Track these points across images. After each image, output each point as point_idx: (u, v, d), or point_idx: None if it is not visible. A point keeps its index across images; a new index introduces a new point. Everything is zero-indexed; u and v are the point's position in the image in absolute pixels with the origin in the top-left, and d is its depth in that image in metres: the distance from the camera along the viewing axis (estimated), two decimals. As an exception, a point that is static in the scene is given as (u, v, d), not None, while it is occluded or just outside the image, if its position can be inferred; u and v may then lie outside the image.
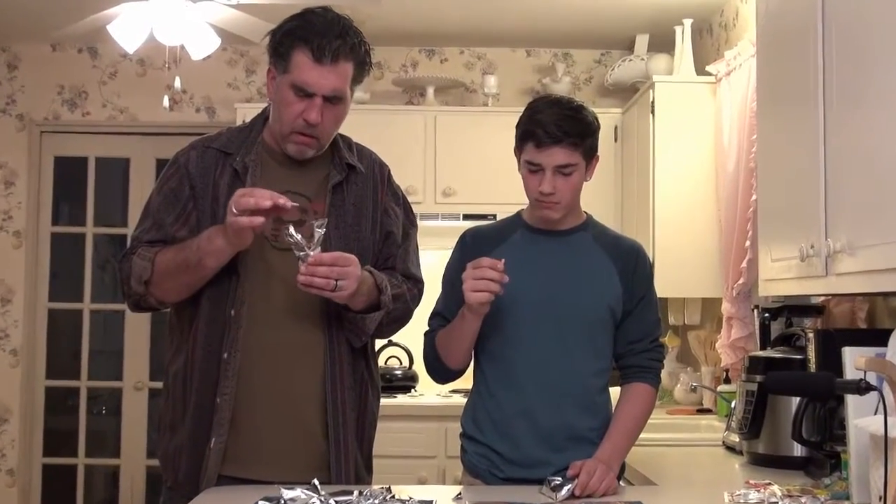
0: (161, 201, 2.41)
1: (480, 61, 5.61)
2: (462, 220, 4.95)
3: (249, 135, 2.44)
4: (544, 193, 2.43)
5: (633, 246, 2.59)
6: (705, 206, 4.39)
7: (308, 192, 2.40)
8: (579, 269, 2.51)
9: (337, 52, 2.28)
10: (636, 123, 4.78)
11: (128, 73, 5.58)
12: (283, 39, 2.32)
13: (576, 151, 2.43)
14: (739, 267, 3.91)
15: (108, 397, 5.74)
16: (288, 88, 2.30)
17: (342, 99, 2.33)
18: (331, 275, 2.20)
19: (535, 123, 2.42)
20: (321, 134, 2.34)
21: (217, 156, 2.41)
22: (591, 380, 2.51)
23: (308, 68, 2.28)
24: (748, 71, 3.94)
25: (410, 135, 5.08)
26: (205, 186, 2.38)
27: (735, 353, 3.97)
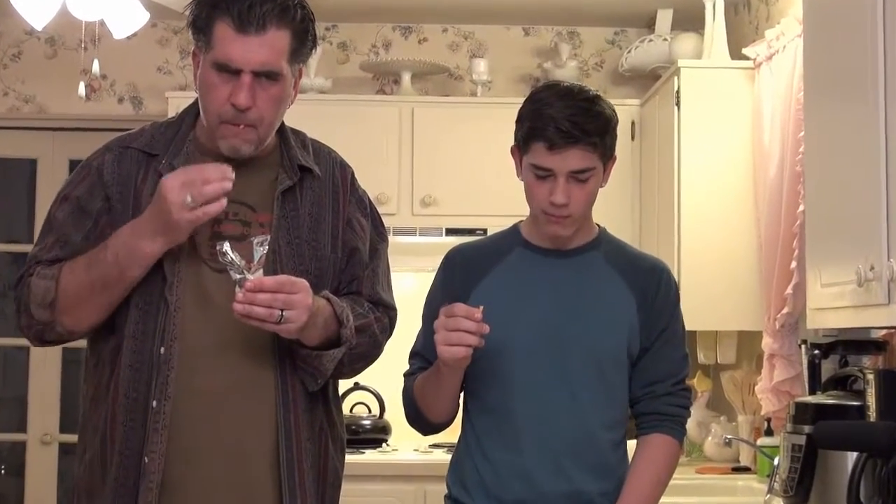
0: (67, 214, 2.39)
1: (467, 41, 5.63)
2: (445, 236, 4.95)
3: (178, 131, 2.44)
4: (556, 204, 2.42)
5: (655, 266, 2.60)
6: (742, 219, 4.40)
7: (251, 201, 2.39)
8: (589, 297, 2.51)
9: (264, 18, 2.27)
10: (657, 118, 4.80)
11: (34, 55, 5.56)
12: (200, 11, 2.32)
13: (594, 153, 2.42)
14: (783, 293, 3.91)
15: (9, 453, 5.69)
16: (210, 68, 2.30)
17: (278, 76, 2.31)
18: (274, 303, 2.18)
19: (545, 119, 2.39)
20: (257, 121, 2.31)
21: (139, 158, 2.40)
22: (603, 434, 2.50)
23: (230, 40, 2.27)
24: (793, 54, 3.95)
25: (382, 131, 5.08)
26: (124, 196, 2.36)
27: (779, 399, 3.97)
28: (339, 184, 2.50)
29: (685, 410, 2.57)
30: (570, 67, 5.35)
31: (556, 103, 2.41)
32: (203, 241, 2.33)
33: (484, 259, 2.54)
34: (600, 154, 2.43)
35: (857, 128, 2.56)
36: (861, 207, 2.52)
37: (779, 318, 3.94)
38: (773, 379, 3.98)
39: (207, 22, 2.29)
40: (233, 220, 2.36)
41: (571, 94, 2.43)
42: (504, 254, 2.56)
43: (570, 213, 2.44)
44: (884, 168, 2.41)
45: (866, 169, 2.48)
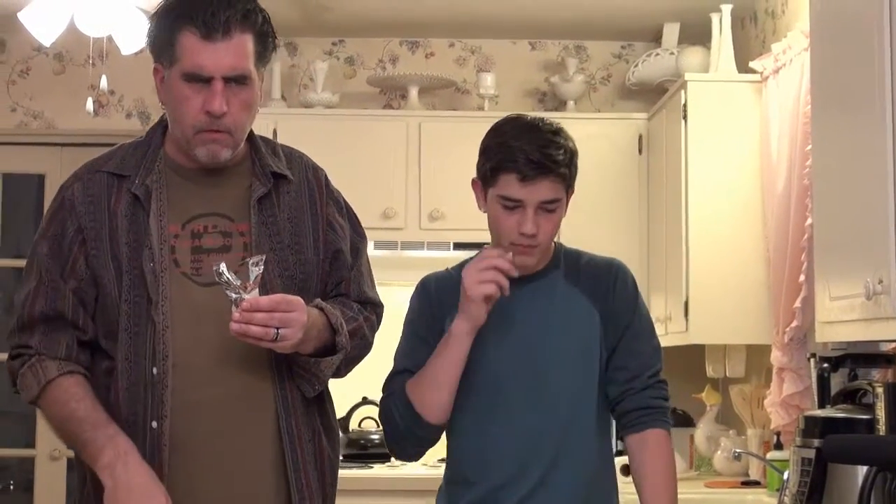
0: (47, 251, 2.40)
1: (474, 56, 5.64)
2: (452, 250, 4.95)
3: (148, 150, 2.43)
4: (526, 234, 2.45)
5: (609, 266, 2.62)
6: (750, 233, 4.40)
7: (228, 211, 2.40)
8: (555, 323, 2.54)
9: (228, 23, 2.29)
10: (664, 131, 4.80)
11: (43, 71, 5.58)
12: (161, 25, 2.34)
13: (562, 184, 2.47)
14: (792, 307, 3.91)
15: (18, 469, 5.69)
16: (180, 80, 2.32)
17: (247, 79, 2.33)
18: (270, 322, 2.21)
19: (514, 151, 2.43)
20: (232, 126, 2.33)
21: (108, 181, 2.40)
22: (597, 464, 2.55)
23: (198, 49, 2.29)
24: (800, 68, 3.95)
25: (389, 145, 5.08)
26: (97, 222, 2.36)
27: (788, 413, 3.97)
28: (315, 187, 2.51)
29: (667, 402, 2.59)
30: (577, 81, 5.35)
31: (523, 136, 2.46)
32: (185, 256, 2.34)
33: (453, 292, 2.54)
34: (565, 185, 2.49)
35: (864, 140, 2.56)
36: (869, 220, 2.52)
37: (788, 331, 3.94)
38: (783, 392, 3.98)
39: (171, 34, 2.32)
40: (212, 232, 2.37)
41: (537, 127, 2.49)
42: None
43: (538, 244, 2.48)
44: (891, 180, 2.41)
45: (874, 181, 2.48)
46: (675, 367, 2.70)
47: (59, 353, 2.34)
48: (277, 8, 5.10)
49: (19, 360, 2.36)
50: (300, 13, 5.21)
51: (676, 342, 4.53)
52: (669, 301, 4.65)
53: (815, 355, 3.48)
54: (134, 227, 2.34)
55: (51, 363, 2.33)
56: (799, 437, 3.08)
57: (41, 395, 2.32)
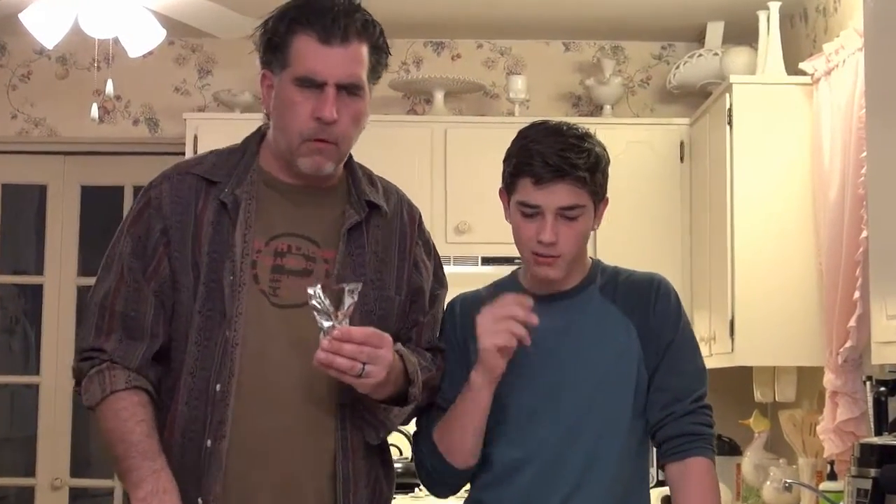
0: (130, 251, 2.41)
1: (504, 57, 5.65)
2: (480, 266, 4.96)
3: (241, 158, 2.46)
4: (544, 243, 2.45)
5: (648, 280, 2.61)
6: (800, 247, 4.39)
7: (316, 235, 2.42)
8: (591, 342, 2.54)
9: (347, 30, 2.35)
10: (708, 138, 4.79)
11: (45, 75, 5.63)
12: (276, 28, 2.37)
13: (583, 189, 2.46)
14: (846, 326, 3.89)
15: (16, 499, 5.72)
16: (291, 85, 2.35)
17: (360, 89, 2.38)
18: (359, 356, 2.23)
19: (532, 154, 2.45)
20: (340, 137, 2.38)
21: (198, 184, 2.43)
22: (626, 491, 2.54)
23: (314, 52, 2.34)
24: (854, 69, 3.95)
25: (413, 153, 5.10)
26: (182, 224, 2.39)
27: (842, 440, 3.95)
28: (408, 224, 2.55)
29: (711, 429, 2.57)
30: (613, 84, 5.36)
31: (544, 139, 2.48)
32: (264, 274, 2.36)
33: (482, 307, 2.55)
34: (590, 192, 2.47)
35: (923, 147, 2.55)
36: (929, 233, 2.51)
37: (841, 352, 3.93)
38: (836, 418, 3.96)
39: (286, 38, 2.36)
40: (296, 253, 2.39)
41: (560, 131, 2.50)
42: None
43: (560, 254, 2.47)
44: (953, 190, 2.41)
45: (934, 191, 2.47)
46: (720, 390, 2.69)
47: (131, 363, 2.36)
48: (294, 7, 5.16)
49: (89, 362, 2.39)
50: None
51: (721, 364, 4.52)
52: (714, 320, 4.64)
53: (871, 378, 3.47)
54: (218, 236, 2.37)
55: (120, 373, 2.35)
56: (854, 466, 3.07)
57: (102, 403, 2.34)
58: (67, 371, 5.74)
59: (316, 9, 2.35)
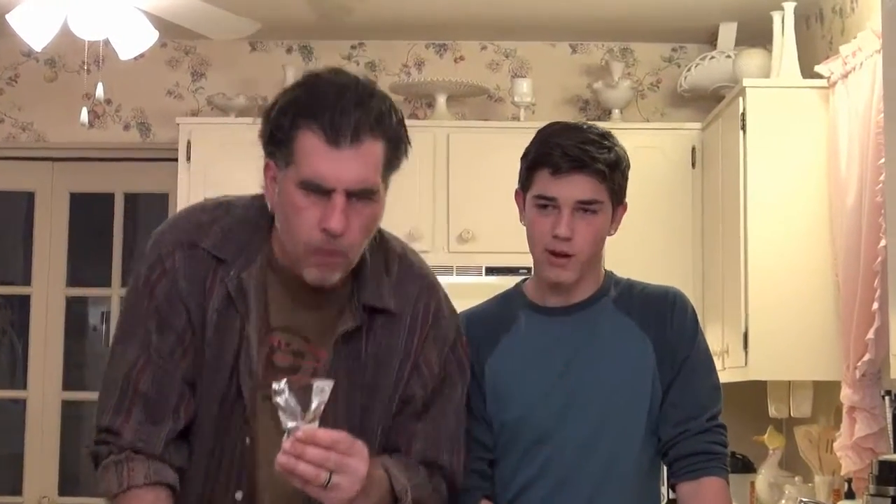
0: (156, 325, 2.27)
1: (509, 60, 5.65)
2: (484, 276, 4.95)
3: (253, 235, 2.30)
4: (559, 237, 2.46)
5: (665, 294, 2.61)
6: (816, 256, 4.38)
7: (309, 332, 2.30)
8: (605, 356, 2.53)
9: (358, 128, 2.14)
10: (721, 143, 4.79)
11: (33, 78, 5.63)
12: (280, 120, 2.18)
13: (602, 185, 2.47)
14: (864, 339, 3.89)
15: (3, 518, 5.72)
16: (295, 188, 2.16)
17: (373, 194, 2.20)
18: (325, 462, 2.03)
19: (551, 146, 2.49)
20: (348, 247, 2.19)
21: (207, 262, 2.29)
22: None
23: (320, 154, 2.14)
24: (872, 71, 3.94)
25: (414, 159, 5.00)
26: (199, 309, 2.26)
27: (860, 457, 3.94)
28: (420, 320, 2.35)
29: (725, 448, 2.57)
30: (622, 88, 5.35)
31: (564, 133, 2.52)
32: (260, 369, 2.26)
33: (491, 329, 2.57)
34: (609, 189, 2.49)
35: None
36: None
37: (859, 366, 3.92)
38: (854, 434, 3.95)
39: (290, 133, 2.16)
40: (285, 350, 2.29)
41: (581, 128, 2.54)
42: (511, 320, 2.59)
43: (575, 252, 2.48)
44: (976, 198, 2.40)
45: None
46: (733, 406, 2.68)
47: (154, 449, 2.23)
48: (290, 8, 5.16)
49: (106, 447, 2.26)
50: (316, 13, 5.23)
51: (735, 378, 4.51)
52: (727, 332, 4.63)
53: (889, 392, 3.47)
54: (223, 324, 2.25)
55: (140, 465, 2.22)
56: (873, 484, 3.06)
57: (118, 498, 2.23)
58: (56, 385, 5.76)
59: (322, 101, 2.15)
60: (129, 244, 5.72)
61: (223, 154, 5.07)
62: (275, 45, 5.57)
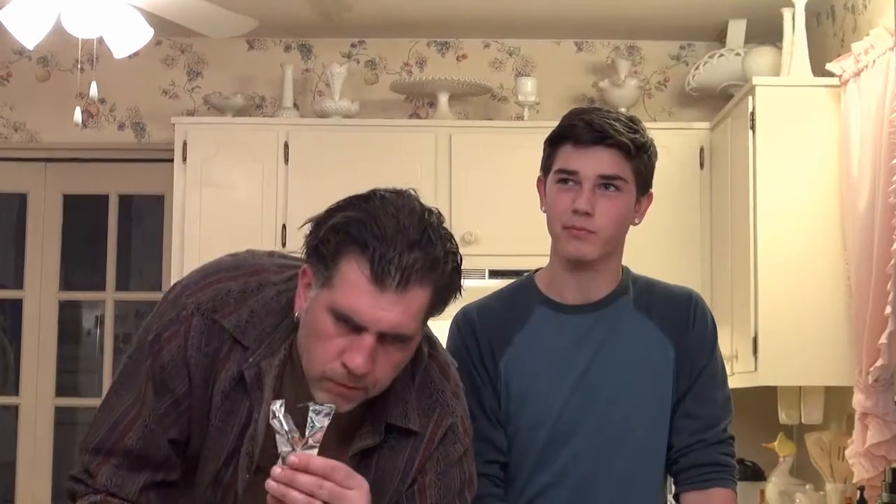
0: (154, 389, 2.21)
1: (512, 58, 5.65)
2: (488, 279, 4.95)
3: (278, 325, 2.20)
4: (579, 212, 2.44)
5: (685, 296, 2.61)
6: (827, 259, 4.38)
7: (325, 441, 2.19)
8: (625, 356, 2.53)
9: (409, 272, 2.02)
10: (730, 143, 4.79)
11: (25, 77, 5.63)
12: (328, 237, 2.06)
13: (626, 162, 2.47)
14: (877, 344, 3.89)
15: (-6, 527, 5.72)
16: (326, 312, 2.05)
17: (409, 339, 2.09)
18: (318, 492, 1.96)
19: (576, 120, 2.49)
20: (371, 384, 2.09)
21: (224, 338, 2.20)
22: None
23: (360, 289, 2.02)
24: (885, 69, 3.94)
25: (416, 159, 5.10)
26: (203, 380, 2.20)
27: (873, 465, 3.94)
28: (426, 439, 2.23)
29: (734, 460, 2.59)
30: (629, 86, 5.36)
31: (593, 111, 2.52)
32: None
33: (503, 325, 2.55)
34: (634, 170, 2.48)
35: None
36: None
37: (872, 371, 3.92)
38: (866, 441, 3.95)
39: (335, 254, 2.04)
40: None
41: (608, 110, 2.55)
42: (524, 316, 2.57)
43: (595, 230, 2.45)
44: None
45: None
46: (742, 412, 2.69)
47: (128, 494, 2.19)
48: (289, 5, 5.16)
49: (80, 485, 2.23)
50: (315, 11, 5.24)
51: (744, 384, 4.51)
52: (736, 337, 4.63)
53: (903, 399, 3.46)
54: (228, 405, 2.19)
55: None
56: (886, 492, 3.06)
57: None
58: (48, 391, 5.76)
59: (377, 232, 2.02)
60: (123, 247, 5.73)
61: (220, 154, 5.08)
62: (273, 43, 5.58)
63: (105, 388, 5.56)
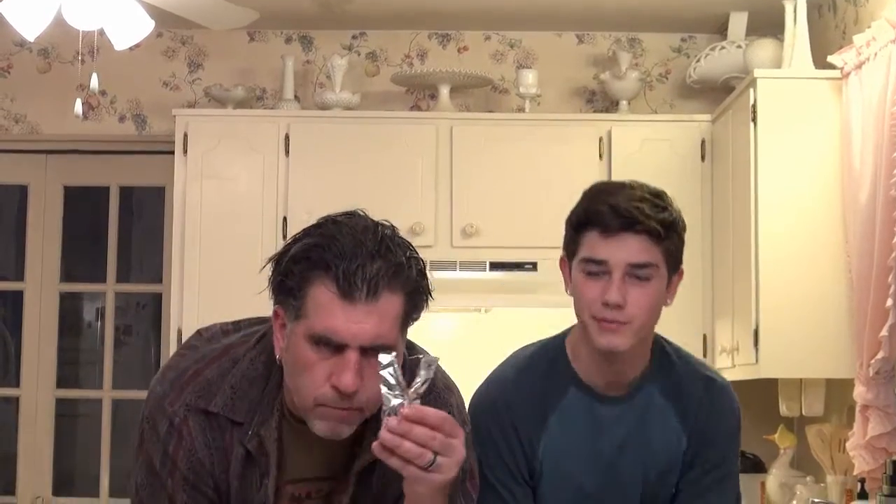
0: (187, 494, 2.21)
1: (514, 50, 5.65)
2: (489, 271, 4.95)
3: (265, 387, 2.23)
4: (610, 304, 2.35)
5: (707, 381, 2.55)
6: (828, 251, 4.38)
7: (333, 470, 2.26)
8: (649, 448, 2.50)
9: (376, 281, 2.05)
10: (731, 135, 4.79)
11: (26, 69, 5.63)
12: (291, 268, 2.10)
13: (657, 247, 2.37)
14: (878, 336, 3.89)
15: (-5, 519, 5.72)
16: (305, 342, 2.08)
17: (391, 348, 2.08)
18: (431, 443, 1.99)
19: (601, 204, 2.37)
20: (364, 403, 2.09)
21: (223, 425, 2.20)
22: None
23: (333, 309, 2.05)
24: (887, 62, 3.94)
25: (417, 151, 5.10)
26: (221, 476, 2.21)
27: (874, 457, 3.94)
28: None
29: None
30: (630, 79, 5.36)
31: (615, 191, 2.39)
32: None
33: (538, 406, 2.50)
34: (664, 253, 2.38)
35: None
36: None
37: (873, 363, 3.92)
38: (867, 434, 3.96)
39: (301, 284, 2.08)
40: (315, 497, 2.27)
41: (634, 185, 2.42)
42: (558, 397, 2.51)
43: (627, 321, 2.36)
44: None
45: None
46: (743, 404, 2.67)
47: None
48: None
49: None
50: (315, 3, 5.24)
51: (745, 376, 4.52)
52: (737, 329, 4.64)
53: (904, 391, 3.47)
54: (244, 484, 2.20)
55: None
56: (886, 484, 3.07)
57: None
58: (49, 383, 5.76)
59: (337, 251, 2.05)
60: (124, 239, 5.72)
61: (220, 146, 5.08)
62: (273, 34, 5.58)
63: (105, 381, 5.58)
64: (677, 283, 2.45)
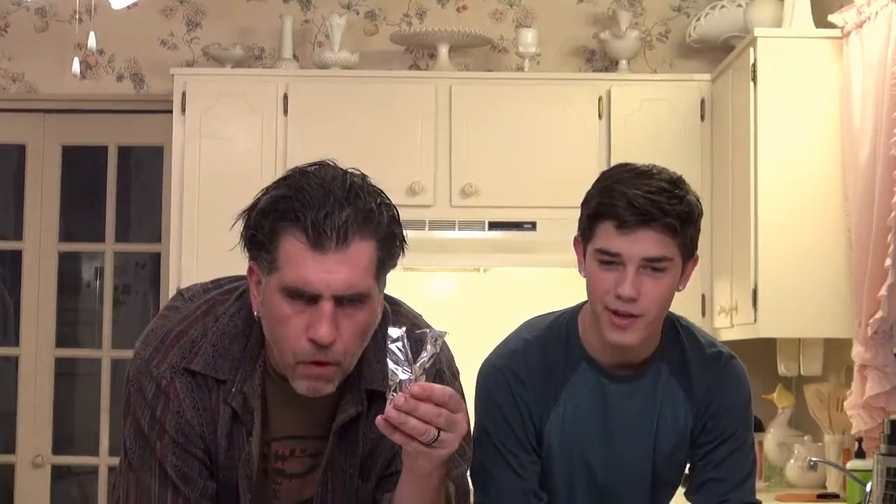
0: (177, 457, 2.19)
1: (513, 9, 5.63)
2: (487, 231, 4.95)
3: (246, 344, 2.23)
4: (623, 297, 2.33)
5: (714, 355, 2.56)
6: (828, 211, 4.38)
7: (318, 430, 2.24)
8: (656, 424, 2.51)
9: (346, 229, 2.03)
10: (731, 95, 4.79)
11: (23, 28, 5.61)
12: (260, 222, 2.09)
13: (672, 240, 2.35)
14: (876, 296, 3.90)
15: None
16: (280, 296, 2.07)
17: (366, 297, 2.08)
18: (436, 419, 1.96)
19: (616, 195, 2.34)
20: (341, 356, 2.09)
21: (208, 385, 2.20)
22: None
23: (304, 259, 2.04)
24: (887, 21, 3.93)
25: (416, 111, 5.09)
26: (210, 436, 2.21)
27: (871, 416, 3.96)
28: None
29: None
30: (630, 38, 5.34)
31: (630, 181, 2.36)
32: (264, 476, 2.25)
33: (549, 380, 2.50)
34: (679, 245, 2.37)
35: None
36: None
37: (871, 323, 3.93)
38: (865, 393, 3.97)
39: (271, 237, 2.07)
40: (300, 456, 2.27)
41: (650, 174, 2.40)
42: (569, 372, 2.51)
43: (640, 313, 2.36)
44: None
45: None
46: (742, 363, 2.70)
47: None
48: (288, -45, 5.14)
49: None
50: (314, -39, 5.22)
51: (744, 335, 4.53)
52: (736, 289, 4.64)
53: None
54: (231, 442, 2.21)
55: None
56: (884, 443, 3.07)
57: None
58: (49, 342, 5.76)
59: (305, 202, 2.04)
60: (122, 198, 5.72)
61: (219, 106, 5.07)
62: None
63: (105, 340, 5.59)
64: (692, 269, 2.44)
